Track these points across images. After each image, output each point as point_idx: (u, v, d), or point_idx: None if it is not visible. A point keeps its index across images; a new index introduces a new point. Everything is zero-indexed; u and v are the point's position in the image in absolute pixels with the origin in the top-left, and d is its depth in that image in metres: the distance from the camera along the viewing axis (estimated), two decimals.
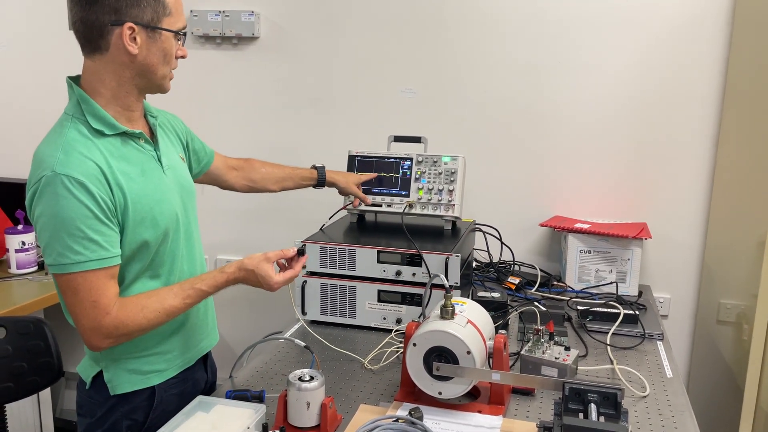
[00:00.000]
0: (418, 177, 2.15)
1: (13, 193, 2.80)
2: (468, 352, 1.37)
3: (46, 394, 2.62)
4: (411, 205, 2.13)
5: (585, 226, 2.30)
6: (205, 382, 1.67)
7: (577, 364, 1.64)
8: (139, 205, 1.37)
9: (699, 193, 2.40)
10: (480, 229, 2.41)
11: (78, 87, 1.38)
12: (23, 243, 2.58)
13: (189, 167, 1.70)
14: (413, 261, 1.91)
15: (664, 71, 2.36)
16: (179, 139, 1.64)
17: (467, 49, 2.52)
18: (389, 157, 2.19)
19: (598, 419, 1.18)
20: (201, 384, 1.64)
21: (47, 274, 2.57)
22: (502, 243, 2.44)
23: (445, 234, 2.10)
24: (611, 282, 2.26)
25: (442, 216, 2.12)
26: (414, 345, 1.42)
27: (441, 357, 1.39)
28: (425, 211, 2.13)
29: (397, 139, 2.26)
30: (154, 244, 1.42)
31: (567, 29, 2.41)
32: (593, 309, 1.98)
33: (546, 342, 1.65)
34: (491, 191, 2.56)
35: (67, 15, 2.81)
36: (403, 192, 2.15)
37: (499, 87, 2.51)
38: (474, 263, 2.38)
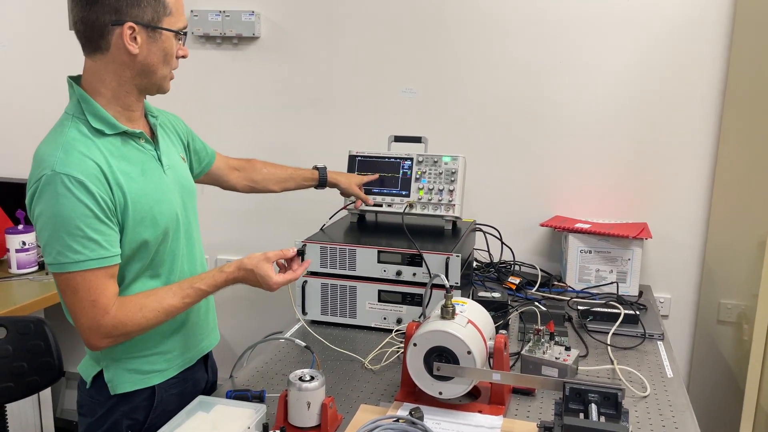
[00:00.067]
0: (418, 177, 2.15)
1: (14, 193, 2.80)
2: (468, 352, 1.37)
3: (46, 394, 2.62)
4: (411, 205, 2.13)
5: (585, 226, 2.30)
6: (206, 381, 1.67)
7: (578, 364, 1.64)
8: (139, 205, 1.37)
9: (699, 193, 2.40)
10: (480, 229, 2.41)
11: (78, 87, 1.39)
12: (24, 243, 2.58)
13: (190, 167, 1.70)
14: (414, 261, 1.91)
15: (664, 71, 2.35)
16: (180, 139, 1.64)
17: (467, 49, 2.52)
18: (390, 157, 2.19)
19: (598, 419, 1.18)
20: (201, 384, 1.64)
21: (48, 274, 2.57)
22: (502, 243, 2.43)
23: (446, 234, 2.10)
24: (612, 282, 2.26)
25: (442, 216, 2.12)
26: (414, 345, 1.42)
27: (441, 357, 1.39)
28: (426, 211, 2.13)
29: (398, 139, 2.26)
30: (153, 243, 1.42)
31: (567, 29, 2.41)
32: (594, 309, 1.98)
33: (546, 342, 1.65)
34: (491, 191, 2.56)
35: (68, 15, 2.81)
36: (404, 192, 2.15)
37: (499, 87, 2.51)
38: (474, 263, 2.38)
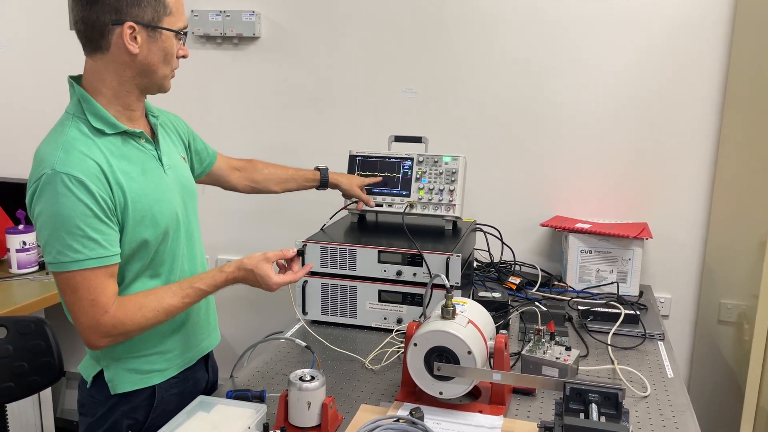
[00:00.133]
0: (418, 177, 2.15)
1: (14, 193, 2.80)
2: (469, 352, 1.37)
3: (46, 393, 2.62)
4: (412, 205, 2.13)
5: (586, 226, 2.30)
6: (206, 381, 1.67)
7: (578, 364, 1.64)
8: (139, 204, 1.37)
9: (700, 193, 2.40)
10: (481, 229, 2.41)
11: (79, 86, 1.39)
12: (24, 243, 2.58)
13: (191, 167, 1.70)
14: (414, 261, 1.91)
15: (664, 71, 2.35)
16: (181, 139, 1.64)
17: (467, 49, 2.52)
18: (390, 157, 2.19)
19: (599, 419, 1.18)
20: (202, 384, 1.64)
21: (48, 273, 2.57)
22: (502, 243, 2.43)
23: (446, 234, 2.10)
24: (612, 282, 2.26)
25: (442, 216, 2.12)
26: (415, 345, 1.42)
27: (442, 357, 1.39)
28: (426, 211, 2.13)
29: (398, 139, 2.26)
30: (153, 243, 1.42)
31: (567, 29, 2.41)
32: (594, 309, 1.98)
33: (547, 342, 1.65)
34: (492, 191, 2.56)
35: (69, 15, 2.81)
36: (404, 192, 2.15)
37: (500, 87, 2.51)
38: (475, 263, 2.38)
